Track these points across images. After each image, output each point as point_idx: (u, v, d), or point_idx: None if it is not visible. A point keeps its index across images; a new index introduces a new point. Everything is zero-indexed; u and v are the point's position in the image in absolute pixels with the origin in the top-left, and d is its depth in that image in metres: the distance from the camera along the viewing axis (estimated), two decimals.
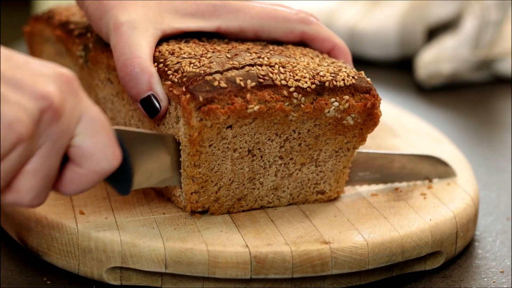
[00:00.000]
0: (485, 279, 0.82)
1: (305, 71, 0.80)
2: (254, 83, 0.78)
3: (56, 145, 0.67)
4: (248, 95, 0.77)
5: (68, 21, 0.95)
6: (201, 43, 0.85)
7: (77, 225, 0.79)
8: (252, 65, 0.80)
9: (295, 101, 0.79)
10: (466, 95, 1.34)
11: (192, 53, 0.82)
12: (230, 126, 0.78)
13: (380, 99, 0.82)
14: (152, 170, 0.78)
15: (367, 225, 0.82)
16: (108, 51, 0.88)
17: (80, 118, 0.68)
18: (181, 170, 0.81)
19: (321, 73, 0.81)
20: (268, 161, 0.82)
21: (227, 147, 0.79)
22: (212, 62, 0.80)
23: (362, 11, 1.48)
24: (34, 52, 1.02)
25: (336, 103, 0.80)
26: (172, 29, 0.85)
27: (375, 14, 1.46)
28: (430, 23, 1.41)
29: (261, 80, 0.78)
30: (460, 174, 0.93)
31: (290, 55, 0.83)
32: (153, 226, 0.80)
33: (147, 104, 0.81)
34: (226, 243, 0.77)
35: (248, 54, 0.82)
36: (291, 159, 0.83)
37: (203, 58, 0.81)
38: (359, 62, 0.89)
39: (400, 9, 1.44)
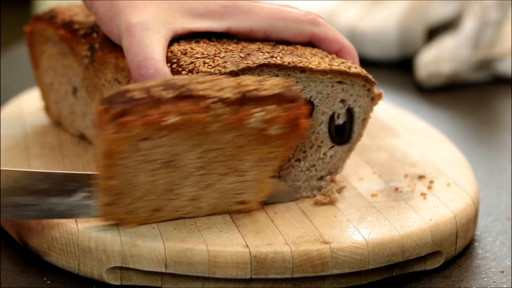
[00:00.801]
0: (485, 279, 0.82)
1: (228, 80, 0.77)
2: (171, 94, 0.74)
3: None
4: (164, 107, 0.74)
5: (72, 21, 0.95)
6: (212, 43, 0.85)
7: (77, 225, 0.79)
8: (266, 65, 0.80)
9: (215, 112, 0.75)
10: (466, 95, 1.34)
11: (205, 53, 0.83)
12: (146, 138, 0.75)
13: (305, 110, 0.79)
14: (17, 202, 0.77)
15: (367, 225, 0.82)
16: (116, 51, 0.88)
17: None
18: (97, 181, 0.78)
19: (244, 83, 0.77)
20: (186, 172, 0.78)
21: (142, 159, 0.76)
22: (226, 62, 0.80)
23: (362, 11, 1.48)
24: (34, 52, 1.02)
25: (259, 114, 0.77)
26: (183, 29, 0.85)
27: (375, 14, 1.46)
28: (430, 23, 1.41)
29: (179, 91, 0.75)
30: (460, 174, 0.93)
31: (301, 55, 0.84)
32: (153, 226, 0.80)
33: None
34: (226, 243, 0.77)
35: (261, 54, 0.82)
36: (211, 169, 0.79)
37: (217, 58, 0.81)
38: (359, 62, 0.89)
39: (400, 9, 1.43)
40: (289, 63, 0.82)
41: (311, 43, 0.88)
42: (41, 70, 1.02)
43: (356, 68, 0.85)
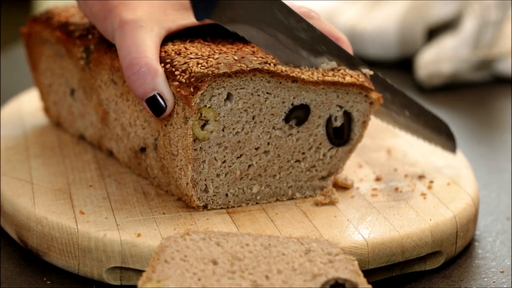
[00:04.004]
0: (485, 279, 0.82)
1: None
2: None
3: None
4: None
5: (67, 22, 0.95)
6: (206, 43, 0.85)
7: (77, 225, 0.79)
8: (259, 70, 0.81)
9: None
10: (466, 95, 1.34)
11: (199, 53, 0.83)
12: None
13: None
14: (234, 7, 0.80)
15: (367, 225, 0.82)
16: (112, 52, 0.88)
17: None
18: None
19: None
20: None
21: None
22: (220, 63, 0.80)
23: (362, 11, 1.48)
24: (32, 53, 1.02)
25: None
26: (177, 25, 0.85)
27: (375, 14, 1.46)
28: (430, 23, 1.41)
29: None
30: (460, 174, 0.93)
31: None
32: (153, 226, 0.80)
33: (153, 103, 0.81)
34: None
35: (255, 58, 0.82)
36: None
37: (211, 59, 0.81)
38: None
39: (400, 9, 1.43)
40: (281, 71, 0.82)
41: None
42: (40, 71, 1.02)
43: (351, 77, 0.84)
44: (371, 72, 0.87)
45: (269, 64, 0.82)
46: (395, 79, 1.38)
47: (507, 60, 1.38)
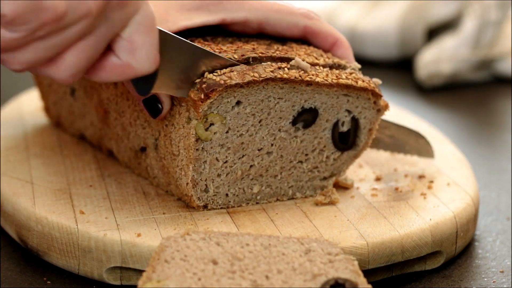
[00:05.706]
0: (485, 279, 0.82)
1: None
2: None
3: (111, 30, 0.68)
4: None
5: None
6: (206, 42, 0.85)
7: (77, 225, 0.79)
8: (272, 79, 0.80)
9: None
10: (466, 95, 1.34)
11: None
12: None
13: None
14: (172, 76, 0.78)
15: (367, 225, 0.82)
16: None
17: (137, 11, 0.69)
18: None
19: None
20: None
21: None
22: (232, 71, 0.80)
23: (362, 11, 1.48)
24: None
25: None
26: (177, 27, 0.85)
27: (375, 14, 1.46)
28: (430, 23, 1.41)
29: None
30: (460, 174, 0.93)
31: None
32: (153, 226, 0.80)
33: (150, 104, 0.81)
34: None
35: (267, 65, 0.81)
36: None
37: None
38: (359, 62, 0.89)
39: (400, 9, 1.44)
40: (295, 77, 0.81)
41: (304, 37, 0.88)
42: None
43: (363, 82, 0.84)
44: (380, 82, 0.87)
45: (284, 69, 0.82)
46: (395, 79, 1.39)
47: (507, 60, 1.38)
